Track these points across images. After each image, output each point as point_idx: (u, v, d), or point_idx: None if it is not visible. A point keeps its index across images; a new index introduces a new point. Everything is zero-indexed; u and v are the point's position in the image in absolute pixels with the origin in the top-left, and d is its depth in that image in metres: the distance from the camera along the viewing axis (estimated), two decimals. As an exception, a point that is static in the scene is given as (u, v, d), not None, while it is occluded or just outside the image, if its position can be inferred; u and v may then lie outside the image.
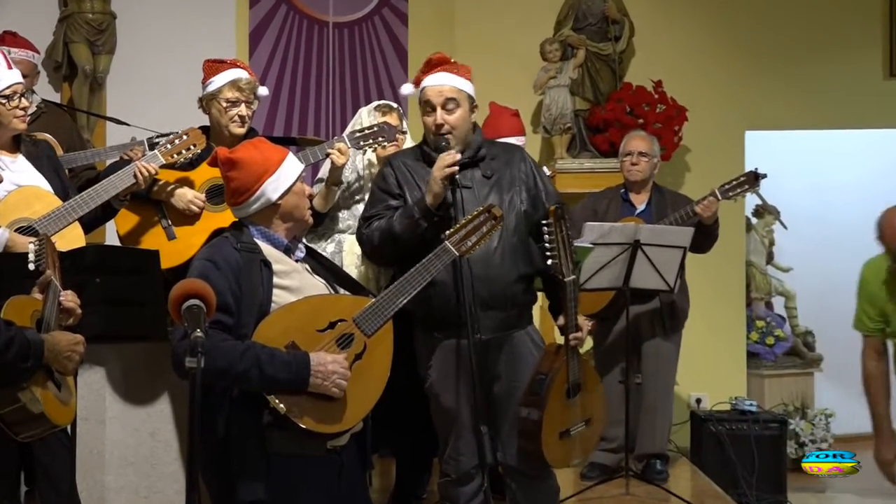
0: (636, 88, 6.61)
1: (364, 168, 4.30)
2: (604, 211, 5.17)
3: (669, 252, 4.71)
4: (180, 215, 4.07)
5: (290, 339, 2.89)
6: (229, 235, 3.03)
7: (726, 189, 4.92)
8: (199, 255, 3.01)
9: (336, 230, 4.26)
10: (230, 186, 3.05)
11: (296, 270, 3.04)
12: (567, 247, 3.48)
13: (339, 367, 2.88)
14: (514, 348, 3.63)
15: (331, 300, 3.04)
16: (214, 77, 4.13)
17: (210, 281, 2.78)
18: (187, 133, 3.99)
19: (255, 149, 3.08)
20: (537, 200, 3.67)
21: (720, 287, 6.65)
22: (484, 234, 3.24)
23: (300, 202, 3.08)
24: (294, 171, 3.08)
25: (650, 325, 5.07)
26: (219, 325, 2.82)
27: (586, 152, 6.66)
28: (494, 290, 3.53)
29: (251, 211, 3.04)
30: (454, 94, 3.60)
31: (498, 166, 3.67)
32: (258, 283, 2.93)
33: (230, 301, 2.87)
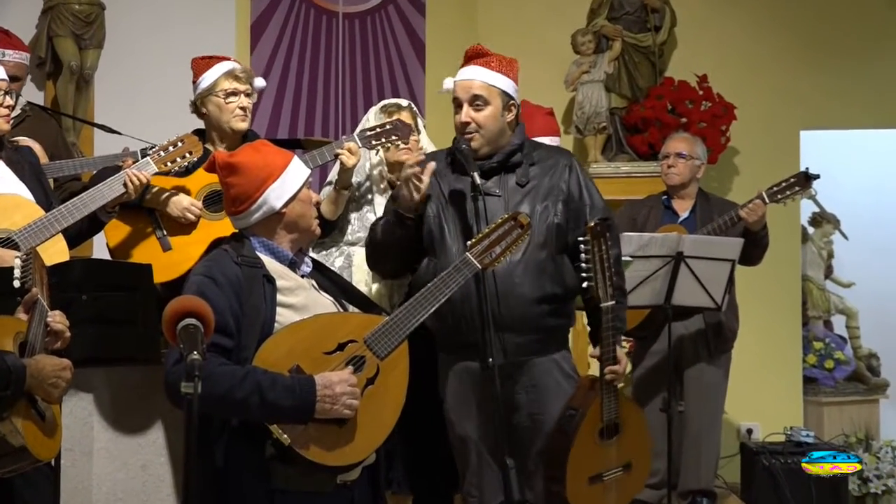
0: (678, 84, 6.60)
1: (374, 166, 4.31)
2: (643, 219, 5.18)
3: (716, 265, 4.70)
4: (176, 224, 4.09)
5: (294, 362, 2.88)
6: (229, 248, 3.03)
7: (774, 191, 4.91)
8: (196, 270, 3.01)
9: (345, 242, 4.27)
10: (229, 194, 3.06)
11: (301, 287, 3.04)
12: (607, 268, 3.46)
13: (347, 388, 2.87)
14: (536, 377, 3.62)
15: (340, 319, 3.03)
16: (206, 73, 4.17)
17: (208, 299, 2.78)
18: (182, 140, 4.02)
19: (256, 152, 3.08)
20: (580, 215, 3.64)
21: (773, 304, 6.62)
22: (510, 244, 3.22)
23: (306, 211, 3.08)
24: (299, 176, 3.08)
25: (694, 347, 5.05)
26: (216, 347, 2.82)
27: (623, 155, 6.66)
28: (513, 310, 3.53)
29: (252, 221, 3.05)
30: (482, 91, 3.61)
31: (536, 173, 3.66)
32: (260, 301, 2.93)
33: (229, 321, 2.87)
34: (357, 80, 6.56)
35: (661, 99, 6.54)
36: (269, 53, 6.33)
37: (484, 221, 3.45)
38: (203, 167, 4.07)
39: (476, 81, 3.62)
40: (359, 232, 4.24)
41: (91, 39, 5.69)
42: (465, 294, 3.43)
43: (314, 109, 6.45)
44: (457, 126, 3.65)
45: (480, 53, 3.68)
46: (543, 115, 5.08)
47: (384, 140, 4.16)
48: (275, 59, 6.34)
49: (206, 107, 4.18)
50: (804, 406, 6.77)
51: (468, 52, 3.70)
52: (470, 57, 3.69)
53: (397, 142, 4.16)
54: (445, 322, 3.52)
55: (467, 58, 3.69)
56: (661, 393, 4.99)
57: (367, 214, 4.23)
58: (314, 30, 6.48)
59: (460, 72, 3.67)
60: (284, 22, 6.39)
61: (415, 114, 4.37)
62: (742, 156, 6.82)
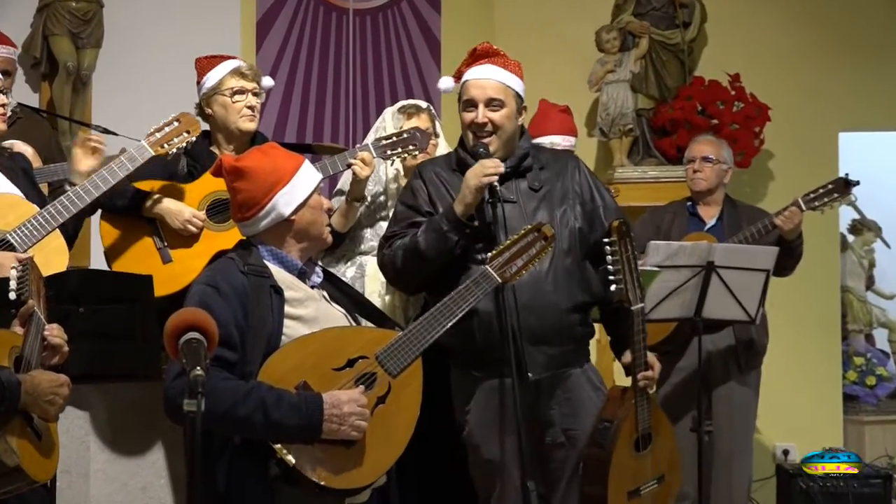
0: (709, 83, 6.60)
1: (390, 179, 4.32)
2: (667, 227, 5.17)
3: (750, 276, 4.68)
4: (177, 235, 4.10)
5: (301, 378, 2.89)
6: (235, 257, 3.05)
7: (811, 198, 4.90)
8: (200, 279, 3.03)
9: (357, 252, 4.28)
10: (236, 199, 3.08)
11: (311, 298, 3.06)
12: (634, 268, 3.48)
13: (356, 407, 2.88)
14: (570, 390, 3.63)
15: (350, 333, 3.04)
16: (211, 72, 4.20)
17: (211, 310, 2.80)
18: (179, 119, 4.01)
19: (265, 156, 3.10)
20: (594, 217, 3.68)
21: (810, 317, 6.60)
22: (532, 256, 3.25)
23: (317, 218, 3.11)
24: (310, 181, 3.10)
25: (723, 363, 5.03)
26: (219, 361, 2.83)
27: (650, 158, 6.66)
28: (546, 321, 3.54)
29: (260, 228, 3.07)
30: (499, 92, 3.63)
31: (548, 177, 3.69)
32: (267, 313, 2.94)
33: (234, 333, 2.89)
34: (368, 80, 6.58)
35: (691, 99, 6.54)
36: (276, 53, 6.34)
37: (503, 229, 3.47)
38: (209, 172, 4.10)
39: (492, 81, 3.64)
40: (371, 241, 4.24)
41: (88, 38, 5.71)
42: (497, 305, 3.45)
43: (323, 112, 6.47)
44: (468, 126, 3.65)
45: (492, 52, 3.70)
46: (558, 112, 5.09)
47: (401, 150, 4.14)
48: (282, 58, 6.36)
49: (212, 107, 4.19)
50: (844, 426, 6.74)
51: (478, 51, 3.72)
52: (480, 55, 3.70)
53: (415, 151, 4.14)
54: (471, 338, 3.52)
55: (476, 56, 3.70)
56: (689, 412, 4.97)
57: (382, 226, 4.23)
58: (323, 27, 6.50)
59: (472, 70, 3.68)
60: (292, 19, 6.41)
61: (433, 117, 4.39)
62: (777, 160, 6.81)
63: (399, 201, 3.80)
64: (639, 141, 6.68)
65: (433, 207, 3.65)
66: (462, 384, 3.66)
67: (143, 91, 5.79)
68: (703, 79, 6.63)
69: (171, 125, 3.99)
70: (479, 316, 3.42)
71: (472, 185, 3.50)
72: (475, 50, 3.73)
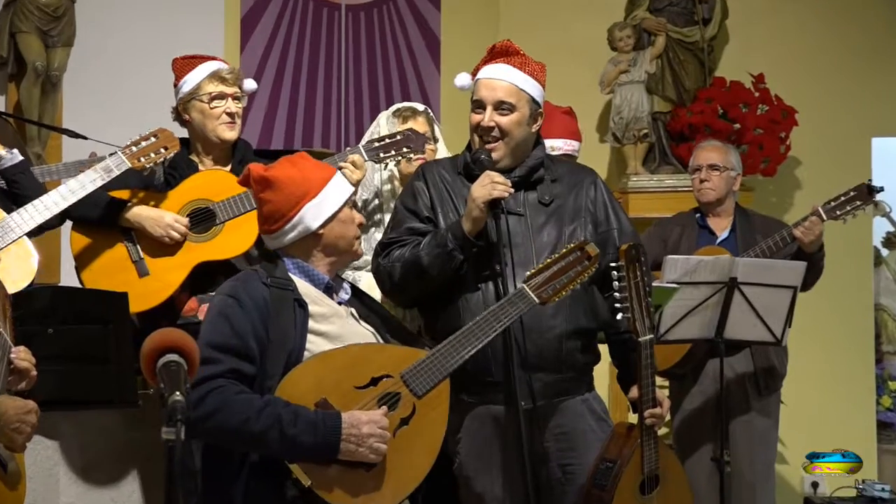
0: (731, 84, 6.62)
1: (384, 184, 4.32)
2: (675, 241, 5.16)
3: (775, 293, 4.67)
4: (155, 246, 4.10)
5: (321, 395, 2.96)
6: (259, 269, 3.15)
7: (832, 206, 4.90)
8: (221, 289, 3.13)
9: (351, 266, 4.28)
10: (263, 210, 3.17)
11: (337, 314, 3.13)
12: (643, 297, 3.47)
13: (376, 429, 2.95)
14: (568, 421, 3.62)
15: (375, 350, 3.11)
16: (188, 75, 4.20)
17: (230, 320, 2.95)
18: (157, 134, 4.05)
19: (293, 166, 3.18)
20: (608, 239, 3.65)
21: (841, 338, 6.60)
22: (573, 277, 3.29)
23: (346, 232, 3.18)
24: (341, 194, 3.18)
25: (741, 389, 5.02)
26: (236, 374, 2.94)
27: (667, 166, 6.67)
28: (544, 345, 3.53)
29: (287, 241, 3.15)
30: (511, 95, 3.61)
31: (560, 191, 3.68)
32: (289, 326, 3.03)
33: (252, 346, 2.98)
34: (362, 82, 6.59)
35: (711, 102, 6.55)
36: (262, 52, 6.36)
37: (507, 244, 3.47)
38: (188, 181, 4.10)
39: (504, 83, 3.63)
40: (366, 255, 4.24)
41: (59, 37, 5.71)
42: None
43: (313, 116, 6.48)
44: (474, 128, 3.65)
45: (510, 51, 3.68)
46: (560, 114, 5.07)
47: (394, 152, 4.16)
48: (268, 58, 6.37)
49: (189, 113, 4.20)
50: (878, 456, 6.73)
51: (496, 48, 3.70)
52: (497, 53, 3.69)
53: (409, 154, 4.16)
54: (464, 360, 3.52)
55: (494, 54, 3.69)
56: (706, 442, 4.96)
57: (374, 235, 4.23)
58: (313, 24, 6.51)
59: (486, 69, 3.67)
60: (279, 15, 6.43)
61: (431, 120, 4.39)
62: (804, 167, 6.82)
63: (399, 201, 3.79)
64: (654, 147, 6.69)
65: (433, 212, 3.65)
66: (453, 410, 3.62)
67: (118, 94, 5.81)
68: (725, 80, 6.65)
69: (148, 140, 4.03)
70: None
71: (480, 200, 3.48)
72: (494, 47, 3.73)
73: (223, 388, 2.91)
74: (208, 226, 4.09)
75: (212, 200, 4.08)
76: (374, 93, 6.61)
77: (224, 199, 4.07)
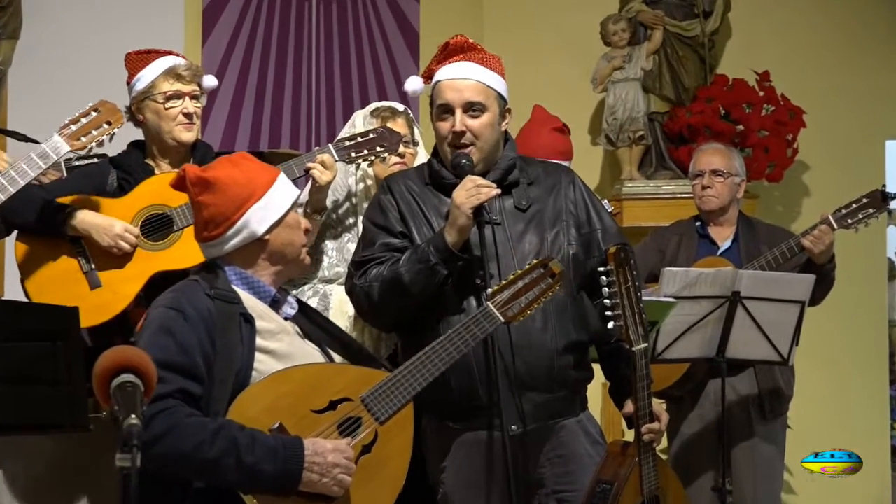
0: (733, 83, 6.64)
1: (357, 184, 4.32)
2: (673, 252, 5.18)
3: (782, 309, 4.69)
4: (106, 255, 4.10)
5: (276, 420, 2.94)
6: (200, 279, 3.10)
7: (843, 214, 4.93)
8: (160, 301, 3.08)
9: (319, 278, 4.28)
10: (202, 215, 3.14)
11: (284, 331, 3.11)
12: (634, 303, 3.48)
13: (341, 459, 2.94)
14: (564, 444, 3.63)
15: (332, 371, 3.10)
16: (142, 71, 4.20)
17: (174, 335, 2.90)
18: (97, 108, 4.02)
19: (235, 167, 3.16)
20: (591, 241, 3.68)
21: (852, 357, 6.62)
22: (538, 295, 3.30)
23: (294, 238, 3.17)
24: (287, 196, 3.17)
25: (744, 412, 5.03)
26: (184, 395, 2.90)
27: (665, 171, 6.69)
28: (535, 363, 3.53)
29: (228, 248, 3.13)
30: (479, 94, 3.63)
31: (537, 194, 3.69)
32: (236, 344, 3.00)
33: (200, 364, 2.95)
34: (334, 79, 6.59)
35: (712, 102, 6.58)
36: (225, 46, 6.36)
37: (494, 257, 3.48)
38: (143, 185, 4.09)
39: (470, 81, 3.64)
40: (338, 266, 4.24)
41: (3, 28, 5.71)
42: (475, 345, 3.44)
43: (281, 116, 6.48)
44: (444, 136, 3.65)
45: (468, 46, 3.69)
46: (551, 131, 5.09)
47: (367, 152, 4.16)
48: (232, 52, 6.37)
49: (143, 113, 4.20)
50: (892, 484, 6.75)
51: (451, 45, 3.71)
52: (454, 50, 3.70)
53: (383, 153, 4.16)
54: (446, 383, 3.51)
55: (449, 52, 3.70)
56: (706, 470, 4.98)
57: (347, 245, 4.24)
58: (281, 16, 6.52)
59: (445, 69, 3.67)
60: (244, 6, 6.43)
61: (411, 122, 4.38)
62: (813, 172, 6.84)
63: (367, 219, 3.78)
64: (651, 150, 6.71)
65: (405, 226, 3.65)
66: (437, 437, 3.65)
67: (68, 90, 5.76)
68: (727, 77, 6.67)
69: (88, 115, 4.00)
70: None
71: (466, 207, 3.47)
72: (447, 44, 3.73)
73: (172, 409, 2.87)
74: (165, 233, 4.09)
75: (169, 206, 4.07)
76: (347, 91, 6.61)
77: (182, 204, 4.06)
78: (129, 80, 4.24)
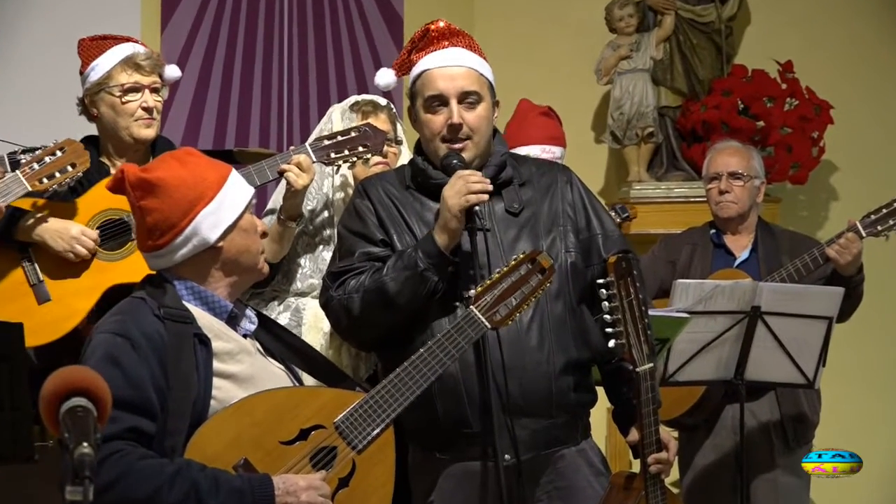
0: (753, 74, 6.66)
1: (335, 191, 4.32)
2: (685, 263, 5.18)
3: (807, 325, 4.70)
4: (57, 265, 4.09)
5: (241, 455, 2.92)
6: (146, 297, 3.06)
7: (872, 221, 4.95)
8: (104, 326, 3.03)
9: (292, 291, 4.28)
10: (145, 222, 3.09)
11: (245, 351, 3.08)
12: (638, 318, 3.48)
13: (316, 497, 2.92)
14: (563, 475, 3.63)
15: (301, 396, 3.07)
16: (97, 60, 4.21)
17: (121, 366, 2.84)
18: (63, 147, 4.02)
19: (182, 165, 3.11)
20: (591, 247, 3.68)
21: (884, 379, 6.64)
22: (527, 295, 3.27)
23: (250, 244, 3.13)
24: (241, 197, 3.13)
25: (765, 441, 5.04)
26: (136, 433, 2.86)
27: (677, 172, 6.71)
28: (530, 386, 3.52)
29: (177, 259, 3.08)
30: (475, 83, 3.63)
31: (531, 196, 3.69)
32: (191, 370, 2.96)
33: (152, 397, 2.90)
34: (309, 70, 6.60)
35: (730, 95, 6.60)
36: (187, 33, 6.35)
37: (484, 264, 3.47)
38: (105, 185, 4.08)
39: (463, 69, 3.64)
40: (311, 278, 4.24)
41: (-60, 13, 5.72)
42: (464, 366, 3.44)
43: (249, 110, 6.48)
44: (436, 131, 3.63)
45: (453, 31, 3.70)
46: (538, 115, 5.10)
47: (347, 152, 4.15)
48: (194, 40, 6.37)
49: (98, 107, 4.21)
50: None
51: (433, 31, 3.69)
52: (438, 36, 3.69)
53: (366, 154, 4.15)
54: (431, 409, 3.52)
55: (431, 38, 3.70)
56: (722, 503, 5.00)
57: (322, 253, 4.24)
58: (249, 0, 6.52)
59: (432, 57, 3.66)
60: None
61: (394, 118, 4.37)
62: (841, 173, 6.86)
63: (342, 226, 3.76)
64: (661, 149, 6.73)
65: (385, 234, 3.65)
66: (423, 469, 3.65)
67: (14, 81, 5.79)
68: (746, 68, 6.70)
69: (52, 155, 3.99)
70: (441, 380, 3.39)
71: (455, 205, 3.45)
72: (427, 30, 3.72)
73: (123, 452, 2.82)
74: (122, 241, 4.08)
75: (126, 210, 3.99)
76: (322, 82, 6.61)
77: (142, 209, 4.05)
78: (81, 69, 4.24)
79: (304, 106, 6.53)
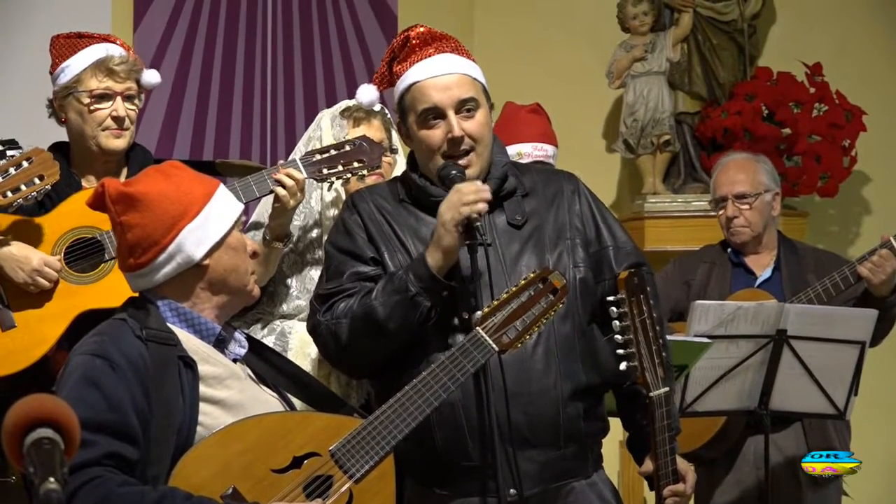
0: (778, 77, 6.68)
1: (326, 209, 4.32)
2: (701, 283, 5.18)
3: (837, 351, 4.71)
4: (22, 291, 4.09)
5: (229, 484, 2.94)
6: (127, 318, 3.09)
7: (908, 237, 4.98)
8: (82, 347, 3.06)
9: (278, 314, 4.30)
10: (126, 239, 3.12)
11: (234, 375, 3.11)
12: (652, 338, 3.49)
13: None
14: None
15: (294, 422, 3.09)
16: (69, 60, 4.21)
17: (102, 390, 2.87)
18: (30, 157, 4.00)
19: (166, 179, 3.15)
20: (602, 261, 3.68)
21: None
22: (538, 316, 3.29)
23: (238, 263, 3.16)
24: (229, 212, 3.17)
25: (791, 479, 5.05)
26: (115, 459, 2.88)
27: (695, 183, 6.73)
28: (536, 414, 3.52)
29: (160, 277, 3.11)
30: (470, 89, 3.63)
31: (535, 207, 3.68)
32: (175, 395, 2.99)
33: (133, 423, 2.93)
34: (295, 74, 6.61)
35: (753, 100, 6.61)
36: (161, 33, 6.37)
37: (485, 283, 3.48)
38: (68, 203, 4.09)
39: (456, 75, 3.63)
40: (298, 299, 4.25)
41: None
42: (464, 393, 3.45)
43: (229, 118, 6.49)
44: (435, 147, 3.63)
45: (438, 35, 3.68)
46: (526, 113, 5.10)
47: (342, 168, 4.13)
48: (169, 41, 6.38)
49: (66, 112, 4.21)
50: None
51: (415, 38, 3.66)
52: (423, 43, 3.67)
53: (362, 170, 4.14)
54: (429, 440, 3.53)
55: (413, 46, 3.68)
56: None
57: (310, 273, 4.24)
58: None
59: (419, 67, 3.63)
60: (185, -14, 6.46)
61: (388, 124, 4.35)
62: (874, 185, 6.88)
63: (330, 244, 3.74)
64: (679, 158, 6.75)
65: (376, 252, 3.64)
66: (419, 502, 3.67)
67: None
68: (771, 71, 6.71)
69: (17, 166, 3.97)
70: (440, 409, 3.41)
71: (450, 219, 3.43)
72: (406, 38, 3.70)
73: (100, 479, 2.85)
74: (95, 262, 4.07)
75: (99, 229, 4.03)
76: (309, 86, 6.62)
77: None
78: (52, 68, 4.23)
79: (290, 112, 6.54)
